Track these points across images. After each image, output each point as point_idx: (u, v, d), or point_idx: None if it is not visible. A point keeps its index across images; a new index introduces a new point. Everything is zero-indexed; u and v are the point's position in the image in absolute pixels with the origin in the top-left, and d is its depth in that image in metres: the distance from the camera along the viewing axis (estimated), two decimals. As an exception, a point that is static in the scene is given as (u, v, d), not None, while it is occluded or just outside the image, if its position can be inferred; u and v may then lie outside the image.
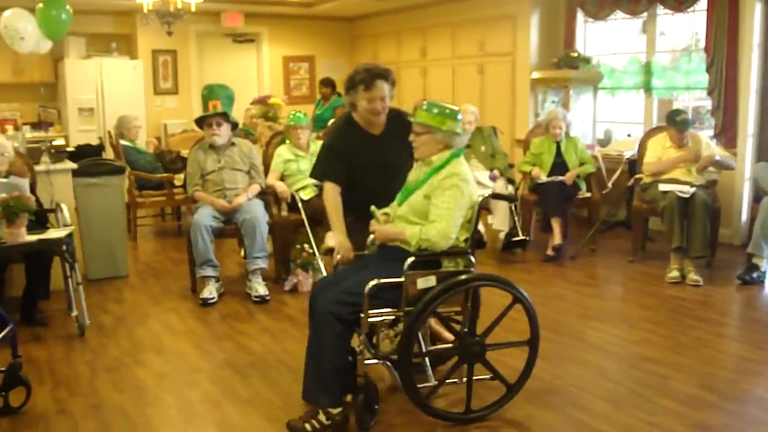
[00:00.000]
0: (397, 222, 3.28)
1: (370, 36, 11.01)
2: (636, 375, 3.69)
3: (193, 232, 5.02)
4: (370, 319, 3.05)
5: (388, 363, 3.29)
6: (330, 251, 5.25)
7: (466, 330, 3.23)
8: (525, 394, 3.46)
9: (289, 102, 8.41)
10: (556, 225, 5.97)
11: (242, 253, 5.60)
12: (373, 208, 3.41)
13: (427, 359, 3.49)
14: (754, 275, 5.25)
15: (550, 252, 6.00)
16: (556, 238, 5.94)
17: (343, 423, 3.08)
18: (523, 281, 5.41)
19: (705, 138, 5.91)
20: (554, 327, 4.46)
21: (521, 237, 6.01)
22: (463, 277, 3.16)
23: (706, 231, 5.36)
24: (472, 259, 3.25)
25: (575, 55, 7.59)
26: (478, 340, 3.22)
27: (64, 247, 4.35)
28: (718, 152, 5.73)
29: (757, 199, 5.78)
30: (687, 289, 5.17)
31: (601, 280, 5.66)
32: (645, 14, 7.22)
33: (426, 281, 3.10)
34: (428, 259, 3.14)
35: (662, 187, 5.54)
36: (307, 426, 3.04)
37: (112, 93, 9.29)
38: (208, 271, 5.05)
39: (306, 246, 5.27)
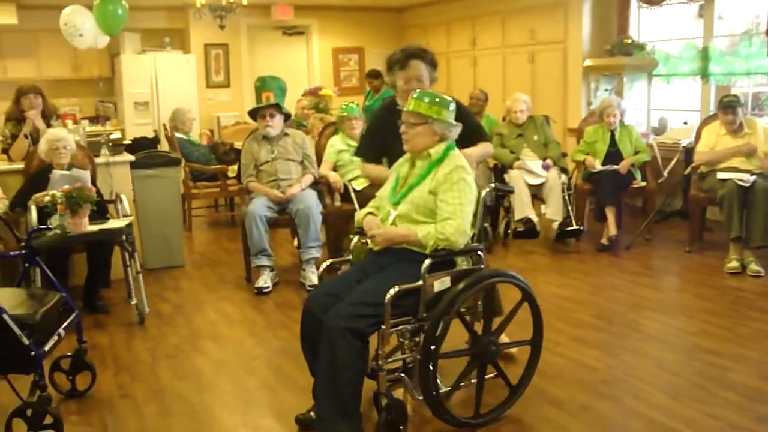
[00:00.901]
0: (399, 222, 3.04)
1: (419, 26, 10.97)
2: (695, 366, 3.62)
3: (248, 222, 5.10)
4: (393, 330, 2.83)
5: (404, 375, 3.03)
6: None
7: (478, 331, 3.05)
8: (579, 384, 3.45)
9: (339, 93, 8.47)
10: (610, 215, 5.89)
11: (295, 242, 5.67)
12: (363, 211, 3.25)
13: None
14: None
15: (604, 242, 5.92)
16: (611, 229, 5.85)
17: None
18: (576, 271, 5.42)
19: (762, 126, 5.74)
20: (608, 317, 4.41)
21: (575, 227, 5.94)
22: (483, 273, 2.99)
23: (767, 220, 5.21)
24: (481, 255, 3.10)
25: (629, 41, 7.44)
26: (494, 340, 3.06)
27: (124, 237, 4.47)
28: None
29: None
30: (747, 280, 5.05)
31: (657, 270, 5.57)
32: (702, -1, 7.05)
33: (442, 283, 2.91)
34: (444, 260, 2.97)
35: (721, 175, 5.42)
36: None
37: (165, 87, 9.47)
38: (263, 261, 5.12)
39: (359, 236, 5.28)
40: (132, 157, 5.74)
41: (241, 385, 3.60)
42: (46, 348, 2.98)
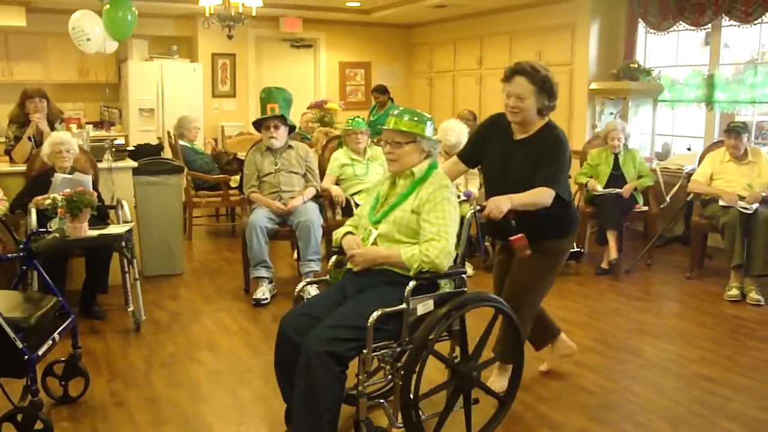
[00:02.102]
0: (381, 242, 2.96)
1: (426, 44, 11.02)
2: (695, 394, 3.59)
3: (248, 232, 5.08)
4: (374, 354, 2.73)
5: (384, 402, 2.96)
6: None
7: (457, 357, 2.97)
8: (578, 407, 3.42)
9: (344, 107, 8.48)
10: (612, 238, 5.87)
11: (295, 255, 5.65)
12: (341, 230, 3.18)
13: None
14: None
15: (604, 265, 5.90)
16: (612, 253, 5.83)
17: None
18: (576, 294, 5.39)
19: (767, 155, 5.74)
20: (608, 341, 4.38)
21: (576, 249, 5.92)
22: (467, 296, 2.92)
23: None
24: (465, 278, 3.03)
25: (635, 66, 7.46)
26: (474, 365, 2.95)
27: (124, 243, 4.46)
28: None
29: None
30: (747, 309, 5.03)
31: (657, 295, 5.54)
32: (709, 26, 7.07)
33: (425, 306, 2.82)
34: (428, 282, 2.88)
35: (723, 202, 5.41)
36: None
37: (171, 95, 9.49)
38: (262, 272, 5.10)
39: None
40: (134, 163, 5.73)
41: (235, 397, 3.57)
42: (40, 352, 2.96)
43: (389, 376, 2.90)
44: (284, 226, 5.23)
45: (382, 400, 2.97)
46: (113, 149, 5.71)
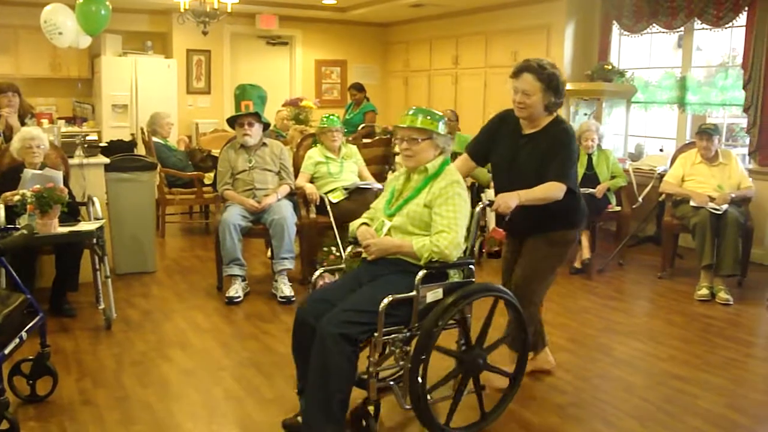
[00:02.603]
0: (394, 233, 3.10)
1: (402, 42, 11.03)
2: (664, 392, 3.63)
3: (221, 230, 5.04)
4: (385, 338, 2.86)
5: (393, 383, 3.05)
6: (357, 255, 5.28)
7: (464, 345, 3.09)
8: (550, 406, 3.45)
9: (320, 105, 8.45)
10: (584, 238, 5.91)
11: (269, 253, 5.62)
12: (357, 221, 3.29)
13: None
14: (786, 297, 5.16)
15: (577, 265, 5.94)
16: (585, 252, 5.88)
17: None
18: (549, 292, 5.38)
19: (738, 161, 5.82)
20: (579, 340, 4.41)
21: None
22: (474, 287, 3.05)
23: (737, 249, 5.28)
24: (472, 268, 3.16)
25: (609, 67, 7.53)
26: (479, 352, 3.09)
27: (95, 240, 4.40)
28: (742, 182, 5.63)
29: (791, 219, 5.69)
30: (716, 308, 5.10)
31: (629, 295, 5.60)
32: (682, 29, 7.15)
33: (434, 294, 2.95)
34: (437, 272, 3.02)
35: (694, 203, 5.47)
36: None
37: (145, 91, 9.40)
38: (235, 270, 5.07)
39: (333, 249, 5.27)
40: (106, 160, 5.66)
41: (207, 395, 3.54)
42: (7, 351, 2.91)
43: (400, 362, 2.98)
44: (258, 223, 5.20)
45: (392, 382, 3.06)
46: (85, 145, 5.64)
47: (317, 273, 3.25)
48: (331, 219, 5.33)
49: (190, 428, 3.20)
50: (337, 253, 5.25)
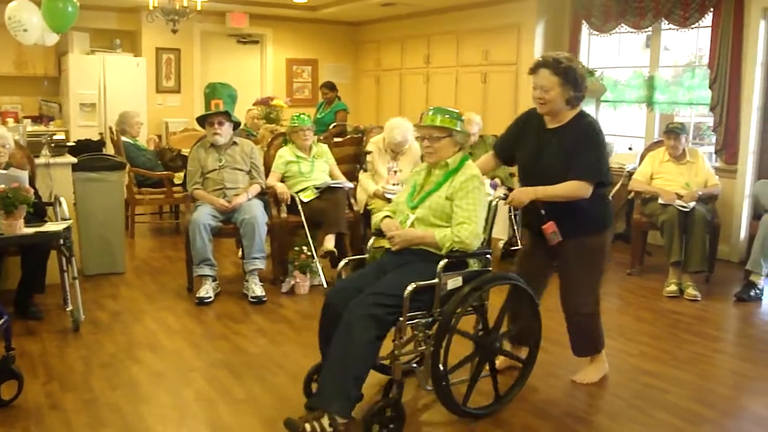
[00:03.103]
0: (417, 225, 3.30)
1: (374, 41, 11.02)
2: (634, 388, 3.67)
3: (191, 230, 5.00)
4: (409, 323, 3.04)
5: (416, 366, 3.26)
6: (328, 254, 5.27)
7: (481, 330, 3.29)
8: (521, 403, 3.46)
9: (291, 104, 8.42)
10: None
11: (240, 253, 5.58)
12: (380, 214, 3.47)
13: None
14: (752, 293, 5.24)
15: (548, 262, 5.98)
16: (555, 249, 5.91)
17: None
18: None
19: (705, 159, 5.90)
20: (550, 337, 4.40)
21: (520, 246, 5.98)
22: (490, 275, 3.26)
23: (704, 246, 5.36)
24: (489, 258, 3.34)
25: (579, 66, 7.58)
26: (497, 336, 3.31)
27: (62, 241, 4.33)
28: (709, 180, 5.72)
29: (757, 216, 5.78)
30: (685, 304, 5.16)
31: (599, 292, 5.64)
32: (650, 29, 7.24)
33: (455, 282, 3.14)
34: (458, 260, 3.21)
35: (662, 200, 5.54)
36: (308, 426, 2.83)
37: (114, 89, 9.28)
38: (206, 270, 5.03)
39: (304, 248, 5.25)
40: (74, 159, 5.58)
41: (177, 397, 3.50)
42: (-29, 354, 2.85)
43: (422, 346, 3.14)
44: (228, 223, 5.16)
45: (414, 365, 3.25)
46: (52, 144, 5.55)
47: (342, 263, 3.41)
48: (303, 218, 5.31)
49: (160, 430, 3.16)
50: (309, 253, 5.24)
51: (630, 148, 7.57)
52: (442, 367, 3.04)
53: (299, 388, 3.46)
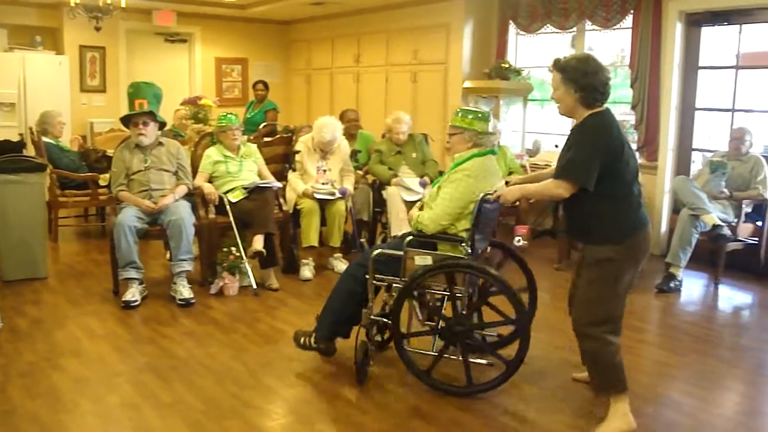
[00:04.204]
0: (425, 208, 3.73)
1: (304, 41, 10.97)
2: (561, 379, 3.76)
3: (116, 232, 4.88)
4: (374, 282, 3.66)
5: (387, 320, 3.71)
6: (257, 254, 5.22)
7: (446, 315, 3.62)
8: (450, 398, 3.49)
9: (220, 104, 8.30)
10: (484, 232, 6.04)
11: (168, 255, 5.48)
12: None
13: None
14: (671, 284, 5.44)
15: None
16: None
17: (323, 352, 3.86)
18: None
19: None
20: (480, 332, 4.49)
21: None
22: (456, 261, 3.54)
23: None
24: (469, 248, 3.56)
25: (506, 66, 7.73)
26: (464, 323, 3.57)
27: (-22, 246, 4.17)
28: None
29: (676, 210, 5.99)
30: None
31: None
32: (574, 29, 7.42)
33: (423, 259, 3.55)
34: (425, 241, 3.61)
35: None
36: (301, 339, 3.90)
37: (35, 88, 8.95)
38: (131, 273, 4.91)
39: (233, 249, 5.19)
40: (-9, 161, 5.38)
41: (101, 404, 3.41)
42: None
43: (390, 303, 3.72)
44: (155, 225, 5.06)
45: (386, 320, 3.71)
46: (-34, 146, 5.34)
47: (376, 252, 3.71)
48: (231, 219, 5.25)
49: (83, 438, 3.08)
50: (237, 253, 5.18)
51: (556, 146, 7.73)
52: (403, 331, 3.67)
53: (226, 389, 3.43)
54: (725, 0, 6.09)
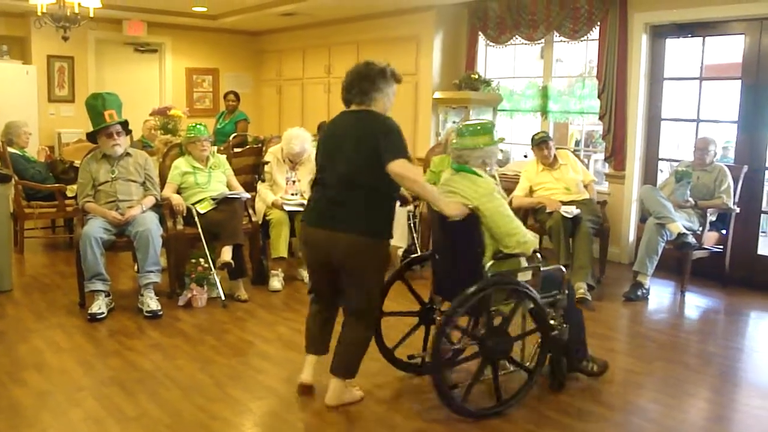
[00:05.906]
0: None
1: (275, 51, 10.96)
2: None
3: (82, 244, 4.82)
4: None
5: None
6: (226, 265, 5.18)
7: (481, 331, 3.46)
8: (414, 409, 3.48)
9: (190, 114, 8.26)
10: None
11: (136, 267, 5.42)
12: None
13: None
14: (639, 293, 5.49)
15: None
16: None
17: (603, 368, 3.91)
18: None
19: (574, 157, 6.14)
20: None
21: (419, 253, 6.05)
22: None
23: (589, 248, 5.48)
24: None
25: (476, 77, 7.77)
26: (499, 339, 3.44)
27: (-62, 259, 4.10)
28: (585, 177, 5.99)
29: (643, 219, 6.05)
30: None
31: (497, 296, 5.76)
32: (542, 41, 7.49)
33: (524, 275, 3.60)
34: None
35: (549, 209, 5.70)
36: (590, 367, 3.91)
37: (1, 98, 8.84)
38: (98, 285, 4.85)
39: (201, 260, 5.15)
40: (-46, 172, 5.29)
41: (63, 418, 3.36)
42: None
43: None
44: (122, 236, 5.01)
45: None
46: (-71, 157, 5.25)
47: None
48: (199, 230, 5.21)
49: (44, 454, 3.03)
50: (206, 265, 5.14)
51: (525, 156, 7.80)
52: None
53: (193, 402, 3.39)
54: (689, 13, 6.20)
